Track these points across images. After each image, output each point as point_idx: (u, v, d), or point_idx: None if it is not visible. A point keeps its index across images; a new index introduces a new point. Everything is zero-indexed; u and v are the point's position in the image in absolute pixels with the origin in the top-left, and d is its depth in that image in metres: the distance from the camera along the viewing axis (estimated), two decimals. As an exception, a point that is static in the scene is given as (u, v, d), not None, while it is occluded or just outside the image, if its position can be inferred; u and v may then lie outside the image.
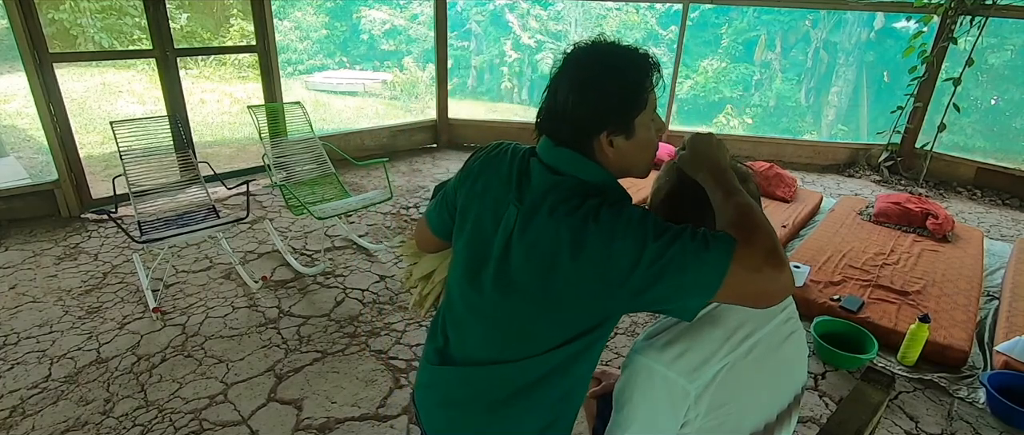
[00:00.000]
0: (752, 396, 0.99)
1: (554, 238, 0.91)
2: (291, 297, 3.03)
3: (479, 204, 1.04)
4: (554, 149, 0.99)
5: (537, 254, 0.94)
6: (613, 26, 11.24)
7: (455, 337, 1.10)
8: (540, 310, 0.97)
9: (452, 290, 1.11)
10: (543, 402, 1.04)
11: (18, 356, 2.50)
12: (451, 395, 1.11)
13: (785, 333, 1.06)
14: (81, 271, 3.23)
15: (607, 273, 0.88)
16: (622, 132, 0.96)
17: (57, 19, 8.82)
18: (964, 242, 3.67)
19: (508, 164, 1.04)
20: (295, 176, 3.77)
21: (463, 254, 1.06)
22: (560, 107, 0.96)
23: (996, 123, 8.77)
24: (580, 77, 0.95)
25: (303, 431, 2.13)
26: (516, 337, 1.01)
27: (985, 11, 4.82)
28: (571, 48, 0.98)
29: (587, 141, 0.97)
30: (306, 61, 11.61)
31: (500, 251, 0.98)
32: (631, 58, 0.96)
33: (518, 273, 0.97)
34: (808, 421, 2.26)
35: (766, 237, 0.84)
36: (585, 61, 0.96)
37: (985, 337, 2.82)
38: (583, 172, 0.97)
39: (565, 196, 0.93)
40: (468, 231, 1.05)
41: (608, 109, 0.95)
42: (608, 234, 0.88)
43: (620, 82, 0.94)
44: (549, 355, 0.99)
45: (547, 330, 0.98)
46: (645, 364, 0.94)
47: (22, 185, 3.93)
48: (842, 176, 5.61)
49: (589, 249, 0.89)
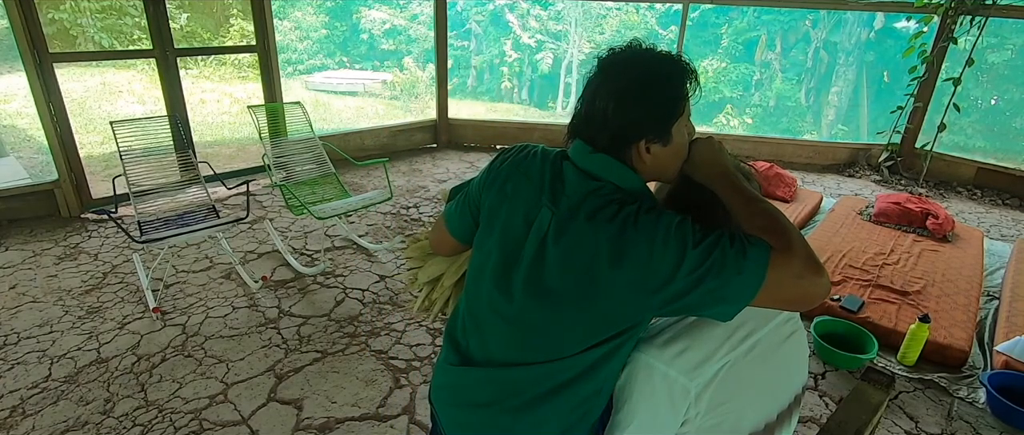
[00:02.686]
0: (752, 395, 0.99)
1: (592, 244, 0.91)
2: (291, 297, 3.03)
3: (509, 207, 1.03)
4: (590, 155, 0.98)
5: (574, 260, 0.93)
6: (613, 26, 11.24)
7: (476, 339, 1.09)
8: (572, 315, 0.96)
9: (476, 292, 1.09)
10: (568, 404, 1.03)
11: (18, 356, 2.50)
12: (473, 396, 1.10)
13: (785, 333, 1.06)
14: (81, 271, 3.23)
15: (646, 280, 0.88)
16: (660, 140, 0.96)
17: (57, 19, 8.82)
18: (964, 242, 3.67)
19: (540, 167, 1.02)
20: (295, 176, 3.77)
21: (491, 257, 1.05)
22: (599, 114, 0.96)
23: (996, 123, 8.77)
24: (620, 86, 0.94)
25: (303, 431, 2.13)
26: (544, 341, 1.00)
27: (985, 11, 4.82)
28: (607, 53, 0.97)
29: (626, 148, 0.96)
30: (306, 61, 11.61)
31: (532, 255, 0.98)
32: (671, 68, 0.96)
33: (552, 278, 0.96)
34: (808, 421, 2.26)
35: (801, 243, 0.84)
36: (624, 69, 0.96)
37: (985, 337, 2.82)
38: (621, 179, 0.96)
39: (603, 202, 0.93)
40: (497, 234, 1.04)
41: (649, 119, 0.95)
42: (648, 241, 0.88)
43: (661, 93, 0.95)
44: (577, 359, 0.98)
45: (577, 335, 0.97)
46: (645, 362, 0.94)
47: (22, 185, 3.93)
48: (842, 176, 5.61)
49: (629, 256, 0.89)
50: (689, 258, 0.85)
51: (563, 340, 0.99)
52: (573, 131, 1.01)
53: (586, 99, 0.98)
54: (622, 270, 0.90)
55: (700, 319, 0.98)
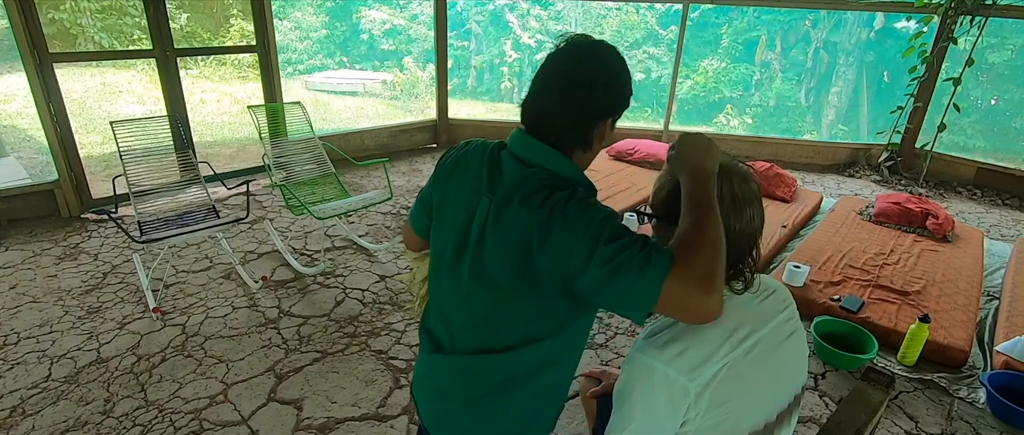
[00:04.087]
0: (752, 395, 0.99)
1: (525, 227, 0.96)
2: (291, 297, 3.03)
3: (454, 199, 1.08)
4: (527, 143, 1.02)
5: (509, 244, 0.98)
6: (613, 26, 11.23)
7: (444, 328, 1.15)
8: (513, 299, 1.01)
9: (437, 283, 1.14)
10: (525, 395, 1.09)
11: (18, 356, 2.50)
12: (442, 385, 1.15)
13: (785, 333, 1.06)
14: (81, 271, 3.23)
15: (568, 265, 0.92)
16: (604, 132, 1.03)
17: (57, 19, 8.81)
18: (964, 242, 3.67)
19: (479, 159, 1.08)
20: (295, 176, 3.77)
21: (442, 247, 1.11)
22: (545, 105, 1.01)
23: (996, 123, 8.76)
24: (568, 80, 0.98)
25: (303, 431, 2.13)
26: (494, 327, 1.05)
27: (985, 11, 4.82)
28: (555, 48, 1.01)
29: (571, 138, 1.01)
30: (306, 61, 11.61)
31: (475, 242, 1.03)
32: (619, 66, 1.01)
33: (492, 263, 1.01)
34: (808, 421, 2.26)
35: (705, 260, 0.86)
36: (575, 63, 0.99)
37: (985, 337, 2.82)
38: (554, 165, 1.00)
39: (536, 187, 0.97)
40: (446, 225, 1.10)
41: (597, 113, 1.00)
42: (572, 228, 0.92)
43: (607, 89, 1.00)
44: (529, 348, 1.04)
45: (522, 321, 1.03)
46: (645, 362, 0.94)
47: (22, 185, 3.93)
48: (842, 176, 5.61)
49: (553, 240, 0.93)
50: (600, 253, 0.89)
51: (509, 326, 1.04)
52: (523, 119, 1.06)
53: (536, 91, 1.02)
54: (545, 254, 0.94)
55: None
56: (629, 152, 5.13)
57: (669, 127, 6.00)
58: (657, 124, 7.03)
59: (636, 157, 5.06)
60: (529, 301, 1.00)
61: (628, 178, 4.67)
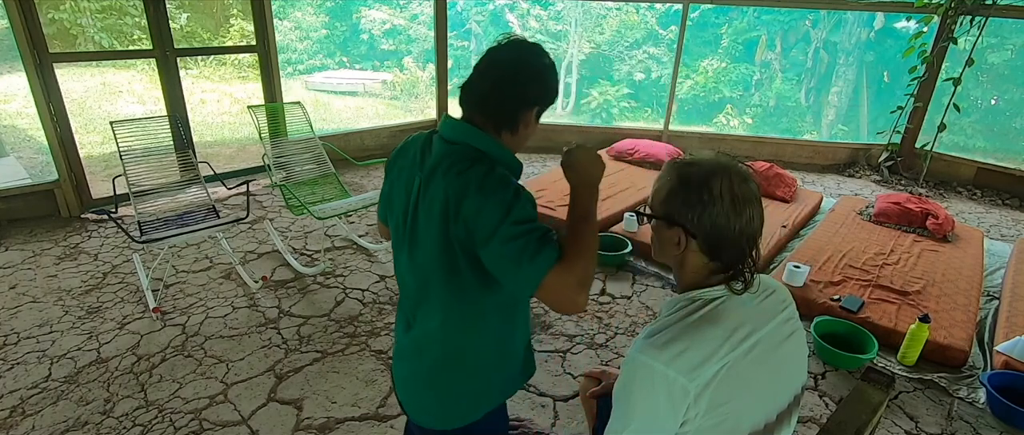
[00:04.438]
0: (752, 395, 0.99)
1: (444, 196, 1.06)
2: (291, 297, 3.03)
3: (398, 185, 1.20)
4: (455, 124, 1.13)
5: (433, 212, 1.08)
6: (613, 26, 11.23)
7: (409, 304, 1.25)
8: (438, 270, 1.11)
9: (396, 262, 1.26)
10: (468, 368, 1.19)
11: (18, 356, 2.50)
12: (408, 364, 1.27)
13: (785, 333, 1.06)
14: (81, 271, 3.23)
15: (475, 234, 1.03)
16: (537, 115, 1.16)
17: (57, 19, 8.81)
18: (964, 242, 3.67)
19: (415, 146, 1.20)
20: (295, 176, 3.77)
21: (396, 229, 1.22)
22: (478, 92, 1.12)
23: (996, 123, 8.76)
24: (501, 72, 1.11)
25: (303, 431, 2.13)
26: (432, 300, 1.15)
27: (985, 11, 4.82)
28: (496, 44, 1.13)
29: (501, 119, 1.12)
30: (306, 61, 11.60)
31: (412, 217, 1.14)
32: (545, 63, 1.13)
33: (422, 234, 1.12)
34: (808, 421, 2.26)
35: (583, 265, 1.01)
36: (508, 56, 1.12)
37: (985, 337, 2.82)
38: (478, 142, 1.11)
39: (458, 159, 1.08)
40: (395, 210, 1.22)
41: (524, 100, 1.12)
42: (484, 198, 1.02)
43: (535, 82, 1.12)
44: (462, 321, 1.14)
45: (450, 294, 1.12)
46: (645, 362, 0.94)
47: (22, 185, 3.93)
48: (842, 176, 5.61)
49: (466, 207, 1.03)
50: (505, 229, 1.00)
51: (443, 299, 1.14)
52: (461, 105, 1.16)
53: (470, 78, 1.14)
54: (459, 222, 1.04)
55: (700, 319, 0.98)
56: (629, 152, 5.13)
57: (669, 127, 6.00)
58: (657, 124, 7.04)
59: (636, 157, 5.06)
60: (450, 272, 1.10)
61: (628, 178, 4.67)
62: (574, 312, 1.02)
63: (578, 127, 6.39)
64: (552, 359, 2.57)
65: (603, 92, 11.08)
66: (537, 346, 2.65)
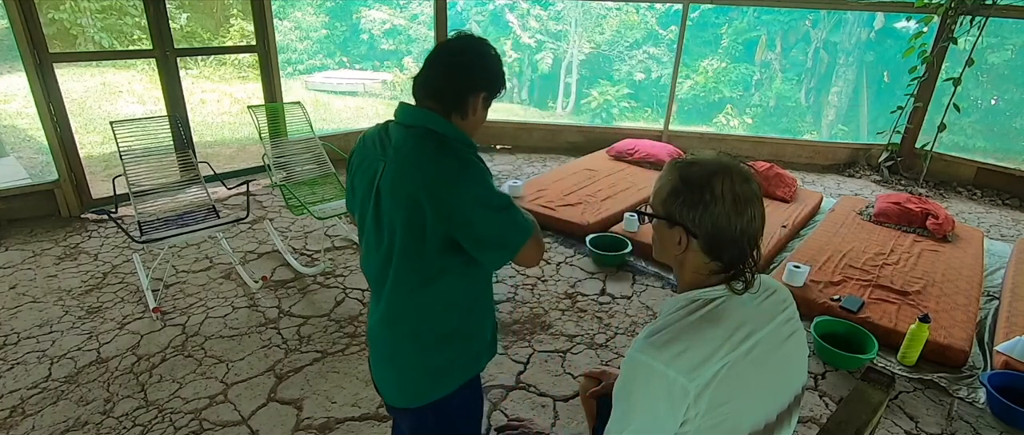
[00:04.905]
0: (752, 395, 0.99)
1: (413, 184, 1.13)
2: (291, 297, 3.03)
3: (360, 175, 1.27)
4: (409, 111, 1.22)
5: (399, 197, 1.15)
6: (613, 26, 11.23)
7: (375, 288, 1.31)
8: (405, 248, 1.17)
9: (362, 243, 1.32)
10: (433, 343, 1.26)
11: (18, 356, 2.50)
12: (374, 337, 1.33)
13: (785, 333, 1.06)
14: (81, 271, 3.23)
15: (453, 218, 1.12)
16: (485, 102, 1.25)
17: (57, 19, 8.81)
18: (964, 242, 3.67)
19: (373, 136, 1.26)
20: (295, 176, 3.77)
21: (360, 216, 1.29)
22: (432, 80, 1.21)
23: (996, 123, 8.76)
24: (452, 61, 1.21)
25: (303, 431, 2.13)
26: (396, 278, 1.22)
27: (985, 11, 4.82)
28: (447, 39, 1.24)
29: (450, 102, 1.20)
30: (306, 61, 11.61)
31: (375, 198, 1.21)
32: (490, 53, 1.23)
33: (386, 216, 1.19)
34: (808, 421, 2.26)
35: (538, 231, 1.24)
36: (456, 45, 1.22)
37: (985, 337, 2.82)
38: (433, 124, 1.19)
39: (418, 142, 1.16)
40: (358, 197, 1.29)
41: (471, 85, 1.21)
42: (457, 188, 1.12)
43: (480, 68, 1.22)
44: (429, 295, 1.21)
45: (411, 268, 1.19)
46: (645, 362, 0.94)
47: (22, 185, 3.93)
48: (842, 176, 5.61)
49: (440, 196, 1.11)
50: (484, 213, 1.12)
51: (408, 273, 1.20)
52: (414, 95, 1.25)
53: (423, 69, 1.22)
54: (432, 208, 1.11)
55: (700, 319, 0.98)
56: (629, 152, 5.13)
57: (669, 127, 6.00)
58: (657, 124, 7.04)
59: (636, 157, 5.06)
60: (414, 254, 1.17)
61: (628, 178, 4.67)
62: (534, 265, 1.26)
63: (578, 127, 6.38)
64: (552, 359, 2.57)
65: (603, 92, 11.08)
66: (537, 346, 2.65)
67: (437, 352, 1.27)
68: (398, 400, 1.34)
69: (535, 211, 3.97)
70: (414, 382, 1.29)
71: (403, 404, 1.33)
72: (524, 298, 3.06)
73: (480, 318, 1.33)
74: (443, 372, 1.29)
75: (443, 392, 1.30)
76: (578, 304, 3.02)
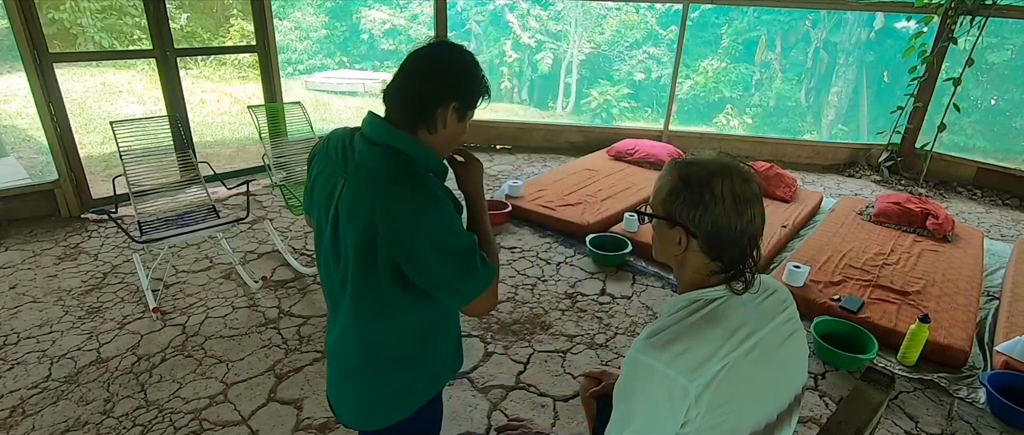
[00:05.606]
0: (752, 395, 0.99)
1: (370, 211, 1.05)
2: (291, 297, 3.03)
3: (320, 182, 1.19)
4: (376, 124, 1.13)
5: (356, 220, 1.08)
6: (613, 26, 11.24)
7: (331, 303, 1.25)
8: (356, 271, 1.11)
9: (319, 258, 1.25)
10: (389, 365, 1.20)
11: (18, 356, 2.50)
12: (333, 364, 1.29)
13: (785, 333, 1.06)
14: (81, 271, 3.23)
15: (406, 253, 1.05)
16: (459, 113, 1.14)
17: (57, 19, 8.82)
18: (964, 242, 3.67)
19: (337, 144, 1.18)
20: (295, 176, 3.77)
21: (317, 225, 1.22)
22: (396, 91, 1.13)
23: (996, 123, 8.76)
24: (418, 69, 1.12)
25: (303, 431, 2.13)
26: (351, 297, 1.15)
27: (985, 11, 4.82)
28: (418, 48, 1.14)
29: (416, 116, 1.11)
30: (306, 61, 11.61)
31: (333, 217, 1.14)
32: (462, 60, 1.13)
33: (344, 235, 1.12)
34: (808, 421, 2.26)
35: (497, 278, 1.13)
36: (426, 54, 1.13)
37: (985, 337, 2.82)
38: (398, 142, 1.10)
39: (379, 162, 1.08)
40: (317, 205, 1.21)
41: (438, 96, 1.11)
42: (414, 223, 1.03)
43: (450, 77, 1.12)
44: (384, 320, 1.15)
45: (366, 294, 1.13)
46: (645, 363, 0.94)
47: (22, 185, 3.93)
48: (842, 176, 5.61)
49: (396, 229, 1.04)
50: (437, 256, 1.04)
51: (363, 297, 1.14)
52: (384, 104, 1.17)
53: (393, 78, 1.14)
54: (387, 237, 1.05)
55: (701, 320, 0.98)
56: (629, 152, 5.13)
57: (669, 127, 6.00)
58: (657, 124, 7.04)
59: (636, 157, 5.06)
60: (368, 276, 1.10)
61: (628, 178, 4.67)
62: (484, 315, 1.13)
63: (578, 127, 6.38)
64: (552, 359, 2.57)
65: (603, 92, 11.08)
66: (537, 346, 2.65)
67: (393, 376, 1.22)
68: (355, 422, 1.28)
69: (535, 211, 3.97)
70: (369, 405, 1.24)
71: (360, 426, 1.28)
72: (524, 298, 3.06)
73: (440, 341, 1.27)
74: (400, 396, 1.24)
75: (400, 416, 1.25)
76: (578, 304, 3.02)
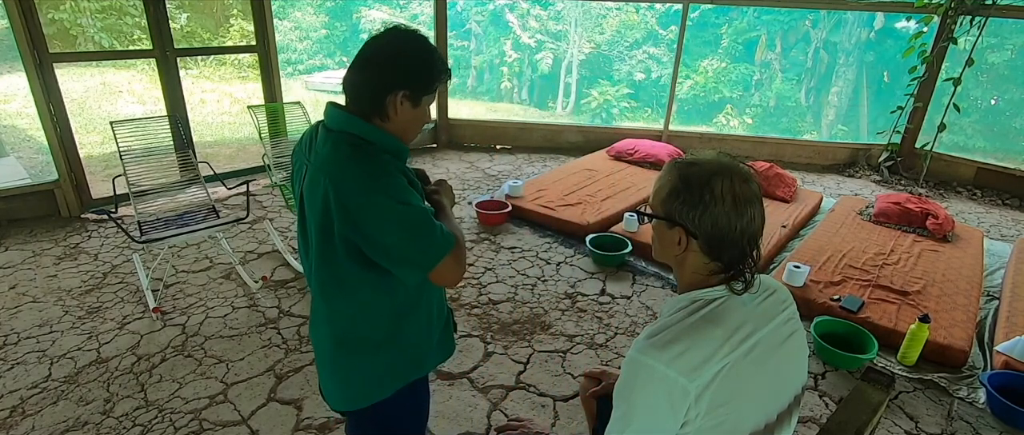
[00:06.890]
0: (752, 396, 0.99)
1: (324, 191, 1.08)
2: (291, 297, 3.03)
3: (296, 175, 1.25)
4: (334, 113, 1.16)
5: (315, 202, 1.11)
6: (613, 26, 11.24)
7: (312, 290, 1.28)
8: (318, 253, 1.15)
9: (300, 246, 1.31)
10: (360, 347, 1.23)
11: (18, 356, 2.50)
12: (316, 349, 1.33)
13: (785, 333, 1.06)
14: (81, 271, 3.23)
15: (362, 230, 1.07)
16: (411, 100, 1.14)
17: (57, 19, 8.82)
18: (964, 242, 3.67)
19: (307, 137, 1.24)
20: (295, 176, 3.76)
21: (298, 215, 1.25)
22: (349, 80, 1.14)
23: (996, 123, 8.77)
24: (366, 56, 1.13)
25: (303, 431, 2.13)
26: (321, 281, 1.19)
27: (985, 11, 4.82)
28: (371, 37, 1.15)
29: (366, 104, 1.13)
30: (306, 61, 11.62)
31: (300, 205, 1.19)
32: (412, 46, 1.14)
33: (309, 220, 1.16)
34: (808, 421, 2.26)
35: (463, 248, 1.17)
36: (375, 41, 1.14)
37: (985, 337, 2.82)
38: (354, 128, 1.13)
39: (335, 148, 1.11)
40: (296, 197, 1.25)
41: (386, 83, 1.11)
42: (365, 187, 1.06)
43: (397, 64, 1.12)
44: (347, 300, 1.18)
45: (334, 274, 1.16)
46: (645, 363, 0.94)
47: (22, 185, 3.93)
48: (842, 176, 5.61)
49: (350, 205, 1.06)
50: (396, 226, 1.06)
51: (329, 279, 1.17)
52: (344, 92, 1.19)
53: (347, 69, 1.16)
54: (341, 217, 1.07)
55: (701, 320, 0.98)
56: (629, 152, 5.13)
57: (669, 127, 6.00)
58: (657, 124, 7.04)
59: (636, 157, 5.06)
60: (329, 258, 1.14)
61: (628, 178, 4.67)
62: (453, 285, 1.18)
63: (578, 127, 6.38)
64: (552, 359, 2.57)
65: (603, 92, 11.09)
66: (537, 346, 2.65)
67: (367, 359, 1.24)
68: (337, 402, 1.32)
69: (535, 211, 3.97)
70: (348, 386, 1.27)
71: (341, 407, 1.32)
72: (524, 298, 3.06)
73: (418, 327, 1.28)
74: (378, 379, 1.26)
75: (380, 396, 1.27)
76: (578, 304, 3.02)
